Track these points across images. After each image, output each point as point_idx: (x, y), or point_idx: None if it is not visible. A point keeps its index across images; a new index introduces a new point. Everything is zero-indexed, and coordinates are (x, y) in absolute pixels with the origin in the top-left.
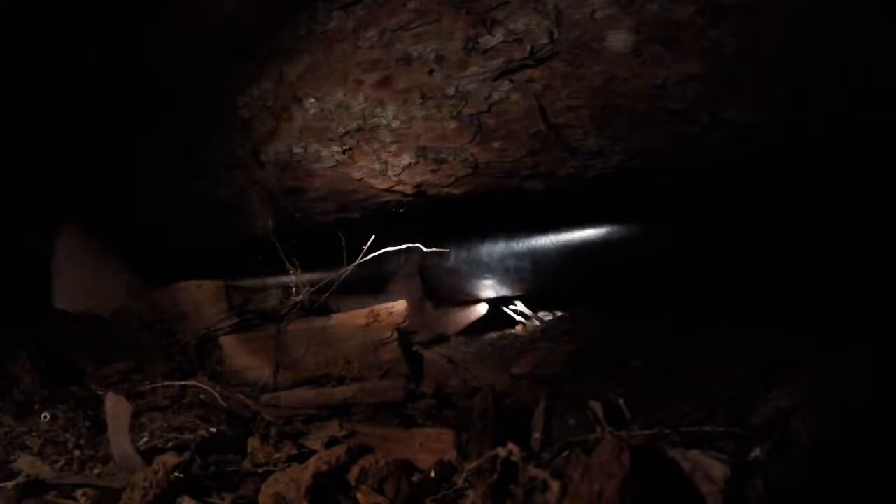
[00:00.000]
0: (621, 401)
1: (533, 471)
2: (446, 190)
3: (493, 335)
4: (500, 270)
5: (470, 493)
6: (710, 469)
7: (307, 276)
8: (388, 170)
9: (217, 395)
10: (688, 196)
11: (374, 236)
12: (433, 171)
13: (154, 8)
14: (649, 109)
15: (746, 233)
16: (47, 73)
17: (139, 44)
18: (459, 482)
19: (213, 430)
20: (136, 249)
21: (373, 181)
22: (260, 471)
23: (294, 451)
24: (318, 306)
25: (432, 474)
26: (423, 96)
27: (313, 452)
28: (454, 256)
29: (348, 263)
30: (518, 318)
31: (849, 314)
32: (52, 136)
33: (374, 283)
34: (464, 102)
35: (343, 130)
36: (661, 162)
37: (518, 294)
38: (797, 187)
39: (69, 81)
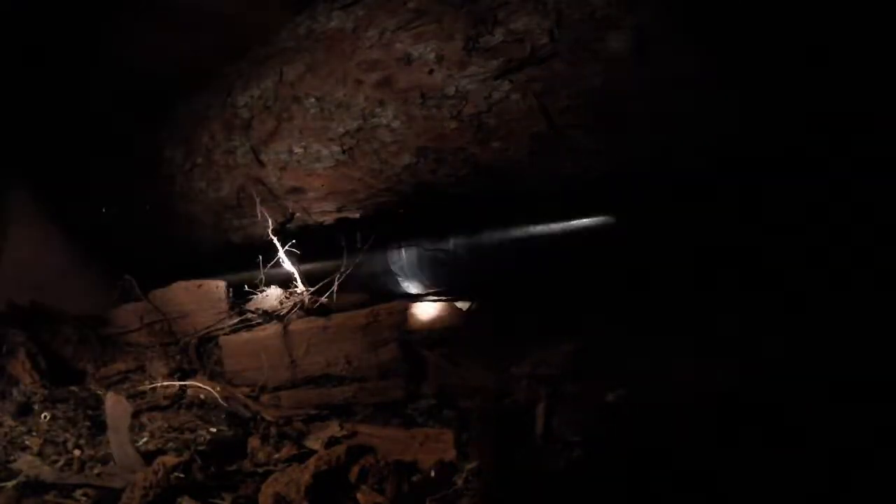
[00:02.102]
0: None
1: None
2: (446, 190)
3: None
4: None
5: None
6: None
7: (307, 270)
8: (388, 169)
9: (217, 395)
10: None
11: (373, 236)
12: (433, 171)
13: (154, 6)
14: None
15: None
16: (40, 72)
17: (137, 41)
18: (460, 482)
19: (213, 430)
20: (136, 249)
21: (373, 181)
22: (260, 471)
23: (294, 451)
24: (318, 306)
25: (432, 474)
26: (423, 96)
27: (313, 452)
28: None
29: (348, 263)
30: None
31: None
32: (47, 134)
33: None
34: (464, 102)
35: (343, 130)
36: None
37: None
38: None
39: (60, 80)
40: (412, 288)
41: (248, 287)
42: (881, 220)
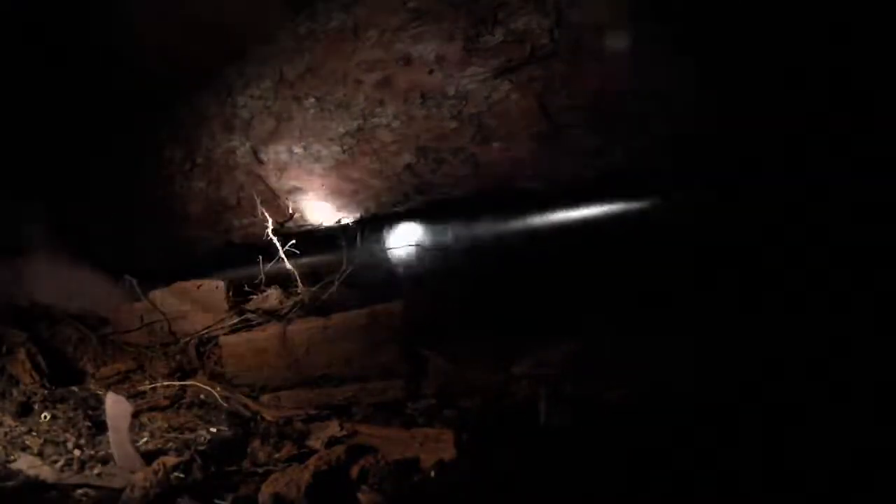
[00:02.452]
0: None
1: None
2: (446, 190)
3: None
4: None
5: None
6: None
7: (305, 264)
8: (388, 169)
9: (217, 395)
10: None
11: (373, 236)
12: (433, 171)
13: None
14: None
15: None
16: (39, 73)
17: (137, 41)
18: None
19: (213, 430)
20: (136, 249)
21: (373, 181)
22: (260, 470)
23: (294, 451)
24: (318, 306)
25: (432, 474)
26: (423, 96)
27: (313, 452)
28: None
29: (348, 263)
30: None
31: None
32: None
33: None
34: (464, 102)
35: (343, 130)
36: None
37: None
38: None
39: (59, 81)
40: (410, 287)
41: (248, 287)
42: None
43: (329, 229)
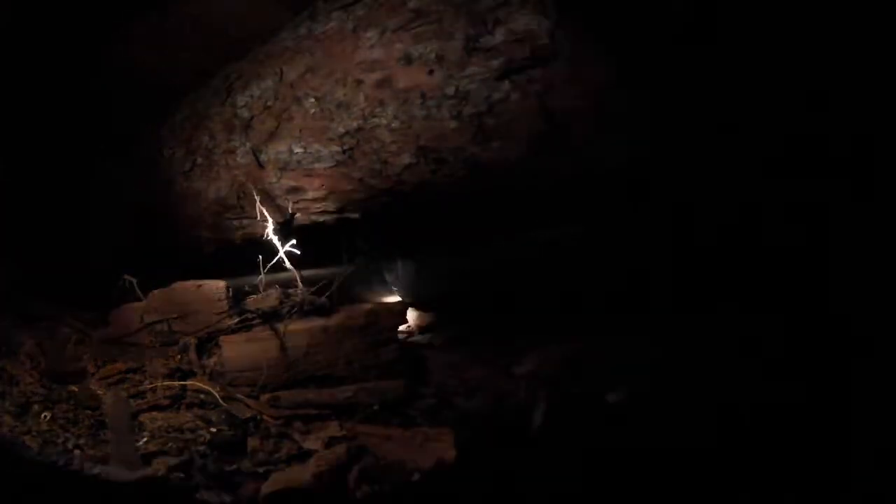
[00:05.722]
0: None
1: None
2: (446, 190)
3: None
4: None
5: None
6: None
7: (307, 276)
8: (389, 169)
9: (217, 395)
10: None
11: (373, 238)
12: (433, 172)
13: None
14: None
15: None
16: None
17: (138, 42)
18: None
19: (213, 430)
20: (136, 249)
21: (373, 181)
22: (261, 470)
23: (294, 451)
24: (318, 306)
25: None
26: (423, 96)
27: (313, 452)
28: None
29: (348, 264)
30: None
31: None
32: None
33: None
34: (464, 102)
35: (343, 130)
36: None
37: None
38: None
39: (59, 81)
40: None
41: (248, 287)
42: None
43: None
